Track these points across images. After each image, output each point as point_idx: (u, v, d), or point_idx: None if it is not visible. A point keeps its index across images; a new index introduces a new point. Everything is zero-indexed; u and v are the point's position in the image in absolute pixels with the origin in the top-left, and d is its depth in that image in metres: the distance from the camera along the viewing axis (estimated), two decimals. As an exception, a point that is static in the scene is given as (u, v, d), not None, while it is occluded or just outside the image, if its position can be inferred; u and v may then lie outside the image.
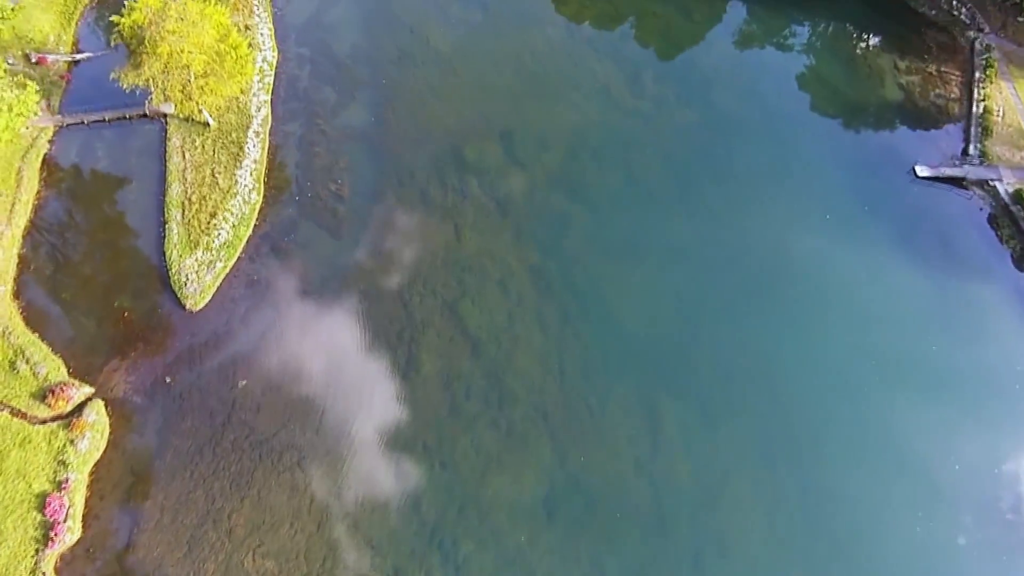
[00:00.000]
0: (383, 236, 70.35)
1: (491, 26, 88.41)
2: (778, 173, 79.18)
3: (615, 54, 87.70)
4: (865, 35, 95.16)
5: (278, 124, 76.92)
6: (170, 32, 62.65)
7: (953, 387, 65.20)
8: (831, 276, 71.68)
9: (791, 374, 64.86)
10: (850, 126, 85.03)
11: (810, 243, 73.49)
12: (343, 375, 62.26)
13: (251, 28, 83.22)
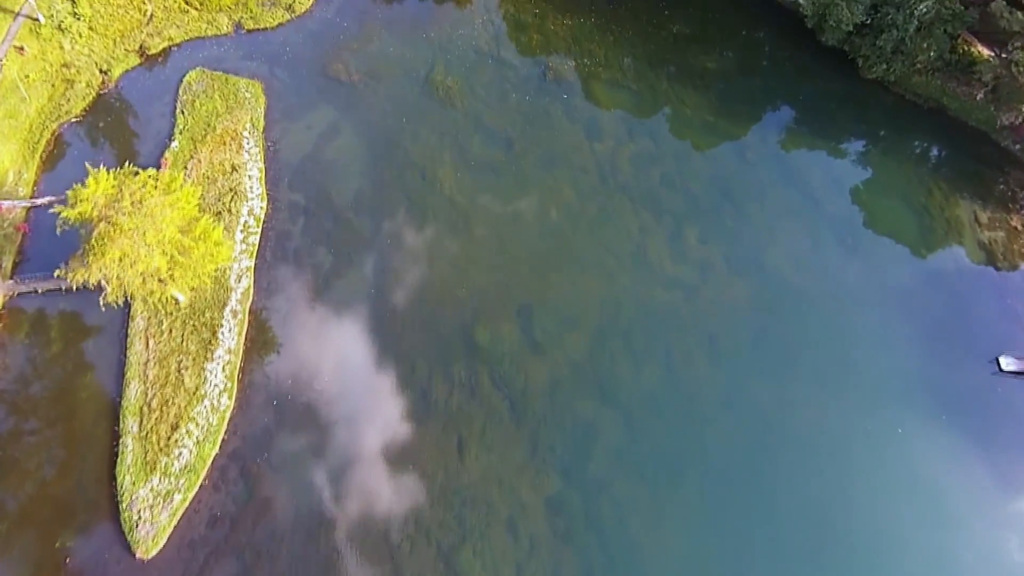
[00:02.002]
0: (372, 458, 58.65)
1: (514, 168, 76.28)
2: (841, 365, 66.67)
3: (654, 204, 75.32)
4: (939, 178, 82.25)
5: (261, 298, 65.49)
6: (123, 230, 51.37)
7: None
8: (906, 512, 59.16)
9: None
10: (923, 299, 72.16)
11: (880, 470, 60.93)
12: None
13: (238, 169, 71.93)
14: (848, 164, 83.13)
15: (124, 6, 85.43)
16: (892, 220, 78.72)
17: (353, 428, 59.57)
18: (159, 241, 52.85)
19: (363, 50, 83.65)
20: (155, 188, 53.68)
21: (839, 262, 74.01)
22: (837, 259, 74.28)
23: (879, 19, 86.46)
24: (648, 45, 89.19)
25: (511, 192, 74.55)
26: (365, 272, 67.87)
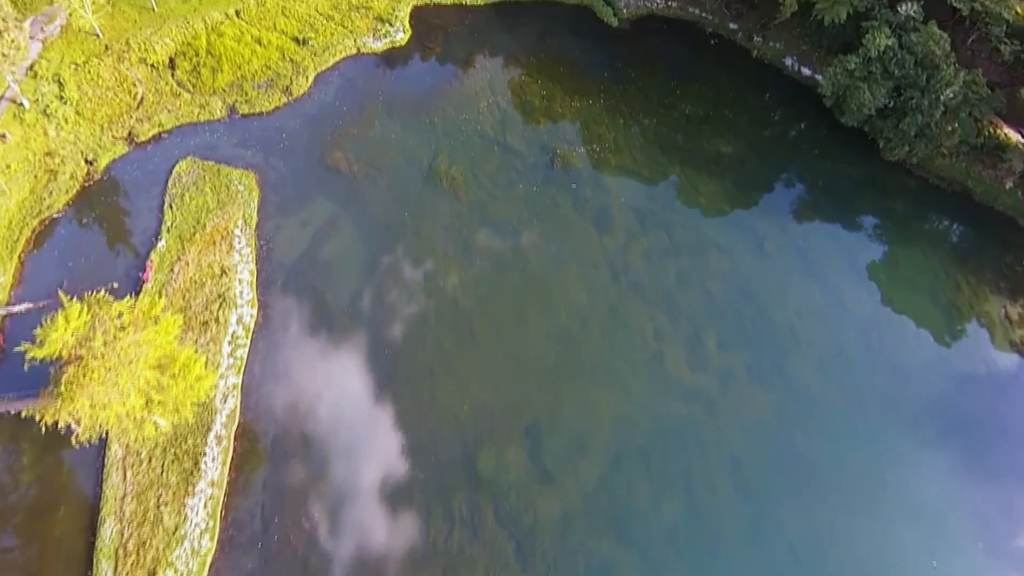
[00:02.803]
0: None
1: (522, 265, 71.34)
2: (872, 489, 61.22)
3: (670, 304, 70.29)
4: (966, 270, 77.38)
5: (248, 420, 60.14)
6: (94, 376, 46.27)
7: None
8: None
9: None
10: (956, 410, 66.87)
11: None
12: None
13: (228, 272, 67.04)
14: (871, 255, 78.27)
15: (114, 88, 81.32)
16: (919, 318, 73.70)
17: (345, 574, 53.90)
18: (133, 383, 47.70)
19: (363, 136, 79.28)
20: (131, 322, 48.61)
21: (866, 368, 68.76)
22: (863, 364, 69.04)
23: (902, 102, 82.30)
24: (659, 128, 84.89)
25: (518, 292, 69.53)
26: (361, 385, 62.61)
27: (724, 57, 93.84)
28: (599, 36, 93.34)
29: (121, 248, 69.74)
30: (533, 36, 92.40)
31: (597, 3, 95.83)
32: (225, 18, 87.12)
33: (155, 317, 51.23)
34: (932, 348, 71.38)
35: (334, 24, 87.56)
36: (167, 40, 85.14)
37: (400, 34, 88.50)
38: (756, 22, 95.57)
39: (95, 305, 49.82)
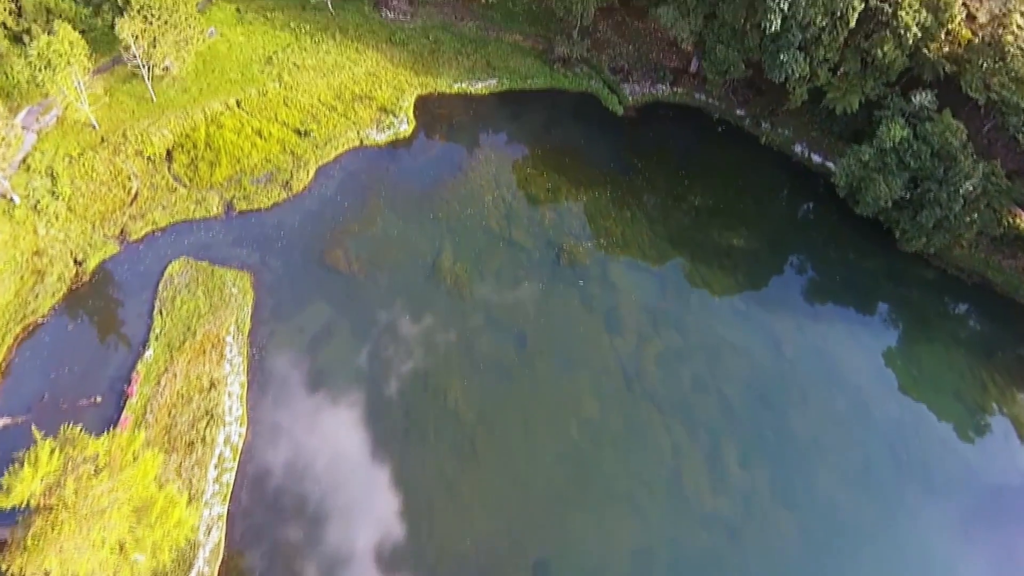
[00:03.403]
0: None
1: (528, 372, 66.84)
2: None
3: (686, 414, 65.49)
4: (991, 367, 72.89)
5: (233, 555, 54.79)
6: (64, 528, 41.34)
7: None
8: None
9: None
10: (990, 527, 61.78)
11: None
12: None
13: (217, 385, 62.46)
14: (893, 354, 73.75)
15: (108, 183, 78.09)
16: (946, 423, 68.91)
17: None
18: (107, 535, 42.75)
19: (364, 233, 75.68)
20: (107, 464, 43.88)
21: (893, 482, 63.63)
22: (891, 478, 63.93)
23: (919, 194, 78.88)
24: (668, 220, 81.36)
25: (525, 403, 64.80)
26: (354, 516, 57.36)
27: (732, 144, 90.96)
28: (605, 124, 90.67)
29: (107, 357, 65.36)
30: (538, 125, 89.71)
31: (602, 91, 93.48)
32: (225, 109, 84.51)
33: (134, 454, 46.50)
34: (962, 456, 66.39)
35: (337, 115, 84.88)
36: (165, 132, 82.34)
37: (404, 125, 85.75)
38: (764, 108, 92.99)
39: (68, 445, 45.13)
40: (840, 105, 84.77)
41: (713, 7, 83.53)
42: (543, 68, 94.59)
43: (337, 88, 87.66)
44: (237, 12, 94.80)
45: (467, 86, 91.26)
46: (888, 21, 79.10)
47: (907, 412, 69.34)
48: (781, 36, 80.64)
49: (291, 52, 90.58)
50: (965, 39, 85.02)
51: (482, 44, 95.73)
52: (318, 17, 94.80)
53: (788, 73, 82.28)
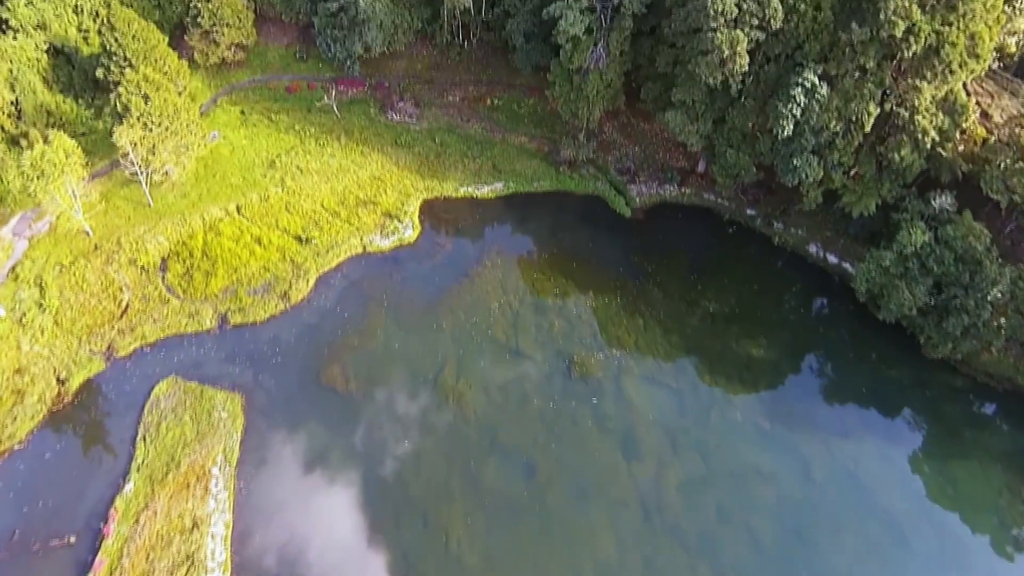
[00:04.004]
0: None
1: (537, 506, 60.43)
2: None
3: (713, 552, 58.73)
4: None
5: None
6: None
7: None
8: None
9: None
10: None
11: None
12: None
13: (200, 525, 56.16)
14: (927, 474, 67.50)
15: (98, 295, 73.62)
16: (989, 550, 62.35)
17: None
18: None
19: (364, 348, 70.63)
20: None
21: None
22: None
23: (944, 300, 74.16)
24: (683, 329, 76.36)
25: (534, 544, 58.12)
26: None
27: (744, 245, 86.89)
28: (613, 227, 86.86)
29: (84, 490, 59.30)
30: (545, 229, 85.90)
31: (609, 193, 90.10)
32: (225, 215, 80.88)
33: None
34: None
35: (340, 221, 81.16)
36: (161, 239, 78.48)
37: (409, 231, 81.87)
38: (775, 208, 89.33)
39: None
40: (857, 209, 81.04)
41: (722, 112, 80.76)
42: (549, 170, 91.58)
43: (341, 193, 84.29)
44: (241, 114, 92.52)
45: (473, 190, 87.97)
46: (904, 125, 76.03)
47: (947, 539, 62.75)
48: (793, 140, 77.51)
49: (295, 155, 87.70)
50: (980, 137, 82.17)
51: (488, 146, 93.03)
52: (323, 119, 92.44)
53: (802, 177, 78.80)
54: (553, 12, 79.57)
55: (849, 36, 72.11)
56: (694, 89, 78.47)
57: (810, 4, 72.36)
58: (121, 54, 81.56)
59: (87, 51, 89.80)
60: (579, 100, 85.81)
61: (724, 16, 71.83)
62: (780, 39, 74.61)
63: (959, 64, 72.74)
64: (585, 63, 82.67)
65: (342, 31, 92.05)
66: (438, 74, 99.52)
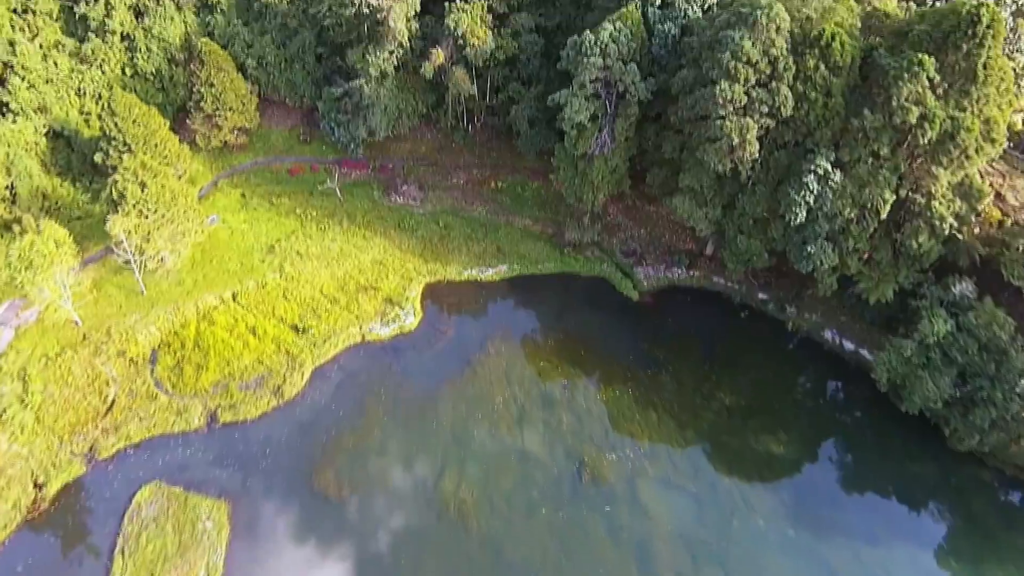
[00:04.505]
0: None
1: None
2: None
3: None
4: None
5: None
6: None
7: None
8: None
9: None
10: None
11: None
12: None
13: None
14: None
15: (83, 389, 69.10)
16: None
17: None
18: None
19: (359, 448, 65.65)
20: None
21: None
22: None
23: (969, 392, 69.64)
24: (699, 424, 71.48)
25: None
26: None
27: (757, 332, 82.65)
28: (620, 311, 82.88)
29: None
30: (551, 313, 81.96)
31: (615, 275, 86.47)
32: (220, 303, 77.05)
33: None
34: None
35: (339, 308, 77.25)
36: (152, 329, 74.44)
37: (410, 318, 77.86)
38: (787, 292, 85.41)
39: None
40: (874, 295, 77.16)
41: (732, 198, 77.79)
42: (554, 252, 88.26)
43: (341, 278, 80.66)
44: (242, 197, 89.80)
45: (477, 273, 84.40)
46: (921, 211, 72.84)
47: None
48: (807, 227, 74.20)
49: (295, 240, 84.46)
50: (995, 220, 79.07)
51: (492, 229, 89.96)
52: (326, 203, 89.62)
53: (816, 264, 75.20)
54: (558, 99, 77.54)
55: (861, 122, 69.70)
56: (702, 175, 75.70)
57: (820, 91, 70.09)
58: (120, 139, 79.22)
59: (88, 134, 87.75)
60: (584, 185, 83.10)
61: (733, 104, 69.53)
62: (791, 126, 72.14)
63: (975, 149, 69.98)
64: (590, 149, 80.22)
65: (346, 115, 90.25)
66: (442, 157, 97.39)
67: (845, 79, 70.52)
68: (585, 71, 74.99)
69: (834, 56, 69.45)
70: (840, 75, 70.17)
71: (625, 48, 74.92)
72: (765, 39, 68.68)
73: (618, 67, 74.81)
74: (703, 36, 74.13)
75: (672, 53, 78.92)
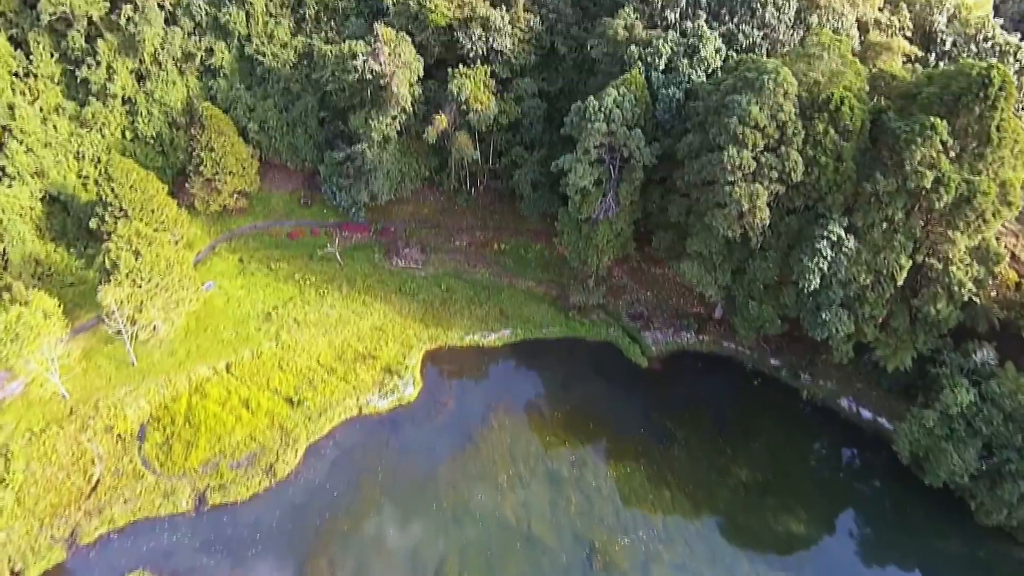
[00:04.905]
0: None
1: None
2: None
3: None
4: None
5: None
6: None
7: None
8: None
9: None
10: None
11: None
12: None
13: None
14: None
15: (67, 468, 65.29)
16: None
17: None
18: None
19: (355, 532, 61.31)
20: None
21: None
22: None
23: (996, 465, 65.58)
24: (715, 502, 67.10)
25: None
26: None
27: (771, 400, 78.74)
28: (629, 378, 79.22)
29: None
30: (557, 382, 78.31)
31: (622, 340, 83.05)
32: (213, 374, 73.64)
33: None
34: None
35: (335, 379, 73.73)
36: (142, 402, 70.91)
37: (409, 389, 74.21)
38: (800, 357, 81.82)
39: None
40: (892, 363, 73.59)
41: (742, 263, 74.92)
42: (558, 316, 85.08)
43: (339, 347, 77.34)
44: (240, 262, 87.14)
45: (479, 338, 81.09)
46: (938, 277, 69.84)
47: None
48: (820, 293, 71.08)
49: (293, 307, 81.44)
50: (1012, 282, 76.06)
51: (495, 292, 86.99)
52: (325, 268, 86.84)
53: (832, 332, 71.86)
54: (562, 165, 75.45)
55: (874, 187, 67.29)
56: (711, 240, 72.98)
57: (831, 156, 67.83)
58: (116, 204, 77.47)
59: (85, 198, 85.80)
60: (588, 248, 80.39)
61: (742, 170, 67.20)
62: (801, 191, 69.74)
63: (993, 213, 67.36)
64: (594, 213, 77.77)
65: (348, 179, 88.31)
66: (445, 219, 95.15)
67: (855, 143, 68.39)
68: (589, 137, 73.07)
69: (844, 120, 67.46)
70: (850, 139, 68.06)
71: (629, 113, 73.17)
72: (772, 104, 66.78)
73: (622, 132, 72.91)
74: (708, 101, 72.40)
75: (677, 117, 77.21)
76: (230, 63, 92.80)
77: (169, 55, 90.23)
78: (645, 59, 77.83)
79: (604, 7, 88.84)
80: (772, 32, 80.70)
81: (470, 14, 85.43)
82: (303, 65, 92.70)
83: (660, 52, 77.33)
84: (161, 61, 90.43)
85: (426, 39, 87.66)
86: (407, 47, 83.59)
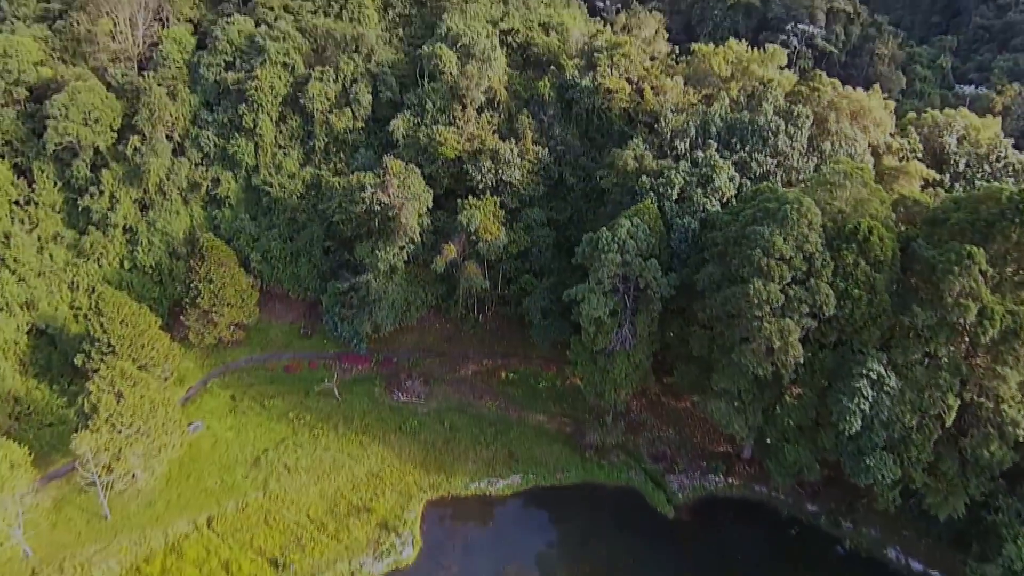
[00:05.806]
0: None
1: None
2: None
3: None
4: None
5: None
6: None
7: None
8: None
9: None
10: None
11: None
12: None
13: None
14: None
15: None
16: None
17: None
18: None
19: None
20: None
21: None
22: None
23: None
24: None
25: None
26: None
27: (812, 551, 69.71)
28: (655, 531, 70.26)
29: None
30: (575, 539, 69.18)
31: (645, 485, 74.62)
32: (193, 529, 65.24)
33: None
34: None
35: (326, 536, 65.06)
36: (112, 563, 62.32)
37: (408, 550, 65.28)
38: (840, 501, 73.08)
39: None
40: (943, 512, 65.08)
41: (773, 402, 67.97)
42: (573, 457, 77.04)
43: (332, 497, 69.10)
44: (231, 400, 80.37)
45: (486, 486, 72.80)
46: (990, 417, 62.61)
47: None
48: (862, 436, 63.60)
49: (284, 450, 73.88)
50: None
51: (503, 429, 79.42)
52: (322, 405, 79.91)
53: (877, 478, 63.81)
54: (574, 295, 70.31)
55: (913, 320, 61.56)
56: (739, 378, 66.32)
57: (864, 288, 62.49)
58: (104, 340, 72.29)
59: (75, 330, 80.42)
60: (605, 382, 73.71)
61: (769, 303, 61.69)
62: (834, 325, 63.95)
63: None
64: (610, 344, 71.79)
65: (351, 310, 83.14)
66: (450, 347, 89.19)
67: (888, 274, 63.29)
68: (603, 267, 68.32)
69: (873, 251, 62.70)
70: (882, 270, 63.01)
71: (644, 243, 68.87)
72: (797, 234, 62.32)
73: (637, 263, 68.23)
74: (728, 231, 68.11)
75: (693, 247, 73.02)
76: (236, 193, 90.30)
77: (174, 185, 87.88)
78: (657, 189, 74.66)
79: (612, 138, 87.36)
80: (785, 160, 78.06)
81: (480, 147, 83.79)
82: (310, 195, 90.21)
83: (672, 182, 74.24)
84: (166, 191, 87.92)
85: (435, 171, 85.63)
86: (416, 179, 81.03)
